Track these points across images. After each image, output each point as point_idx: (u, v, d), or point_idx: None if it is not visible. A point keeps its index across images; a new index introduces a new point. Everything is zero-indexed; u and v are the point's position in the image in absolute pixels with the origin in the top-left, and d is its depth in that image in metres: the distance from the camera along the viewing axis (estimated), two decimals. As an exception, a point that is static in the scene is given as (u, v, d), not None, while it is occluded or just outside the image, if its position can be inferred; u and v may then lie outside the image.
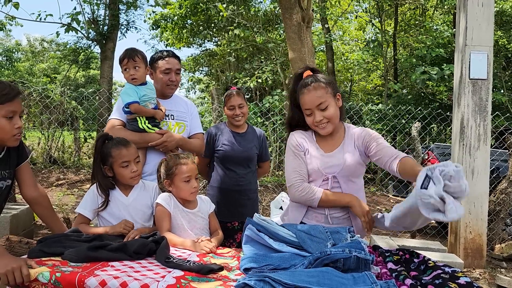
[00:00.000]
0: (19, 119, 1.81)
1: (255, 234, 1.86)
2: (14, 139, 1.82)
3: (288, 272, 1.52)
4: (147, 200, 2.18)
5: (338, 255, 1.60)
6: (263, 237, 1.81)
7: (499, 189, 4.91)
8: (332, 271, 1.51)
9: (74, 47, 13.49)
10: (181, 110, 2.61)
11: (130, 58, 2.34)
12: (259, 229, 1.88)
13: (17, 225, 4.04)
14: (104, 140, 2.14)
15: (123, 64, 2.36)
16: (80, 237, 1.84)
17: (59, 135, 9.71)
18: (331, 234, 1.83)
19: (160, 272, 1.57)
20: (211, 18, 12.38)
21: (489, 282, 3.82)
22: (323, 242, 1.78)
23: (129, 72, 2.35)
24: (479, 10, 4.16)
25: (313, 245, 1.76)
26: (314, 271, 1.51)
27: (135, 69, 2.35)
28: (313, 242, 1.77)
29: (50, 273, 1.49)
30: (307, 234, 1.83)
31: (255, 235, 1.86)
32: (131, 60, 2.34)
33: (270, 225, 1.87)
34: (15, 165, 1.98)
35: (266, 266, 1.63)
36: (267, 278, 1.40)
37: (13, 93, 1.78)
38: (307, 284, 1.40)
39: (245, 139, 2.85)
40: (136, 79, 2.35)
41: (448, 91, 10.09)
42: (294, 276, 1.44)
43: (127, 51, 2.37)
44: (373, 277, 1.49)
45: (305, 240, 1.79)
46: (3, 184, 1.93)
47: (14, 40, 28.63)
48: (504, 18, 10.58)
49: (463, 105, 4.19)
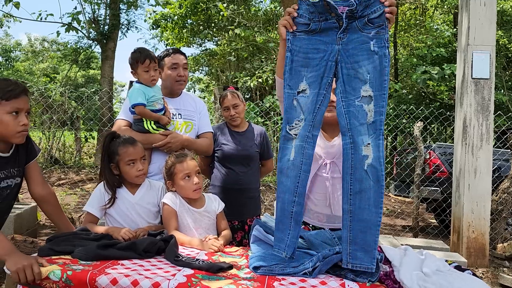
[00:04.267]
0: (24, 117, 1.81)
1: (263, 235, 1.87)
2: (18, 135, 1.82)
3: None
4: (154, 199, 2.19)
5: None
6: (271, 238, 1.81)
7: (501, 189, 4.92)
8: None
9: (75, 46, 13.47)
10: (189, 109, 2.60)
11: (152, 60, 2.35)
12: (267, 230, 1.88)
13: (21, 225, 4.04)
14: (111, 138, 2.15)
15: (144, 65, 2.33)
16: (88, 235, 1.84)
17: (60, 135, 9.71)
18: (339, 240, 1.81)
19: (170, 270, 1.58)
20: (212, 18, 12.38)
21: (492, 281, 3.83)
22: (332, 248, 1.77)
23: (149, 73, 2.34)
24: (482, 9, 4.17)
25: (321, 249, 1.75)
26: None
27: (155, 71, 2.37)
28: (321, 247, 1.77)
29: (61, 271, 1.49)
30: (315, 239, 1.83)
31: (262, 236, 1.87)
32: (153, 62, 2.35)
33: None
34: (24, 163, 1.98)
35: (276, 264, 1.63)
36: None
37: (18, 90, 1.79)
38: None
39: (245, 137, 2.85)
40: (155, 80, 2.38)
41: (449, 91, 10.09)
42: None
43: (146, 53, 2.36)
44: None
45: (314, 243, 1.79)
46: (13, 182, 1.94)
47: (13, 39, 28.61)
48: (504, 18, 10.61)
49: (466, 105, 4.20)
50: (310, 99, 1.66)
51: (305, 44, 1.67)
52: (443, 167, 5.72)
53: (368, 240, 1.54)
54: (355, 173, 1.58)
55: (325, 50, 1.65)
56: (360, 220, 1.56)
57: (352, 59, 1.61)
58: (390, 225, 6.45)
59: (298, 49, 1.67)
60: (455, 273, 1.60)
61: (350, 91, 1.62)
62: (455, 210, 4.33)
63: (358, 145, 1.58)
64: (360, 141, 1.58)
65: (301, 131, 1.67)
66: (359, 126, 1.59)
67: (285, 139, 1.70)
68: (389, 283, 1.56)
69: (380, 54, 1.57)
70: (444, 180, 5.55)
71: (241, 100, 2.82)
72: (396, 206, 8.05)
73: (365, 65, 1.59)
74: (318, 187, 2.08)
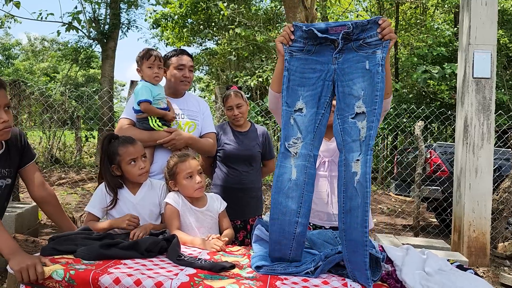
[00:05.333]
0: (3, 112, 1.72)
1: (265, 234, 1.87)
2: (0, 133, 1.74)
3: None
4: (155, 198, 2.18)
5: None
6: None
7: (502, 188, 4.92)
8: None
9: (75, 46, 13.47)
10: (193, 109, 2.61)
11: (157, 57, 2.39)
12: (268, 230, 1.88)
13: (22, 224, 4.04)
14: (110, 140, 2.14)
15: (149, 62, 2.37)
16: (91, 235, 1.84)
17: (61, 134, 9.71)
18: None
19: (172, 270, 1.58)
20: (212, 17, 12.37)
21: (493, 280, 3.83)
22: (334, 247, 1.78)
23: (153, 70, 2.38)
24: (483, 9, 4.17)
25: (323, 249, 1.75)
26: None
27: (159, 69, 2.40)
28: (323, 246, 1.77)
29: (64, 270, 1.49)
30: (318, 239, 1.84)
31: (264, 235, 1.87)
32: (158, 59, 2.39)
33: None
34: (16, 165, 1.94)
35: (278, 264, 1.64)
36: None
37: None
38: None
39: (247, 137, 2.85)
40: (159, 78, 2.40)
41: (450, 90, 10.09)
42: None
43: (152, 50, 2.40)
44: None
45: (316, 243, 1.79)
46: (3, 183, 1.89)
47: (14, 39, 28.60)
48: (505, 17, 10.60)
49: (467, 104, 4.20)
50: (307, 118, 1.68)
51: (301, 64, 1.70)
52: (444, 166, 5.72)
53: (358, 261, 1.52)
54: (347, 191, 1.59)
55: (321, 70, 1.68)
56: (351, 240, 1.56)
57: (347, 77, 1.64)
58: (391, 225, 6.45)
59: (295, 69, 1.71)
60: (457, 272, 1.60)
61: (344, 108, 1.64)
62: (456, 210, 4.34)
63: (349, 161, 1.59)
64: (351, 157, 1.59)
65: (302, 150, 1.68)
66: (351, 143, 1.60)
67: (283, 156, 1.70)
68: (391, 282, 1.56)
69: (374, 71, 1.59)
70: (445, 179, 5.55)
71: (244, 100, 2.82)
72: (397, 205, 8.06)
73: (359, 82, 1.62)
74: (317, 186, 2.08)
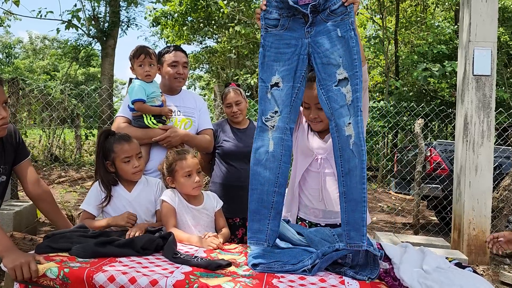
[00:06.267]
0: (1, 109, 1.74)
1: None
2: None
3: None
4: (150, 196, 2.17)
5: (347, 250, 1.60)
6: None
7: (502, 186, 4.90)
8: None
9: (75, 44, 13.43)
10: (189, 106, 2.60)
11: (147, 55, 2.37)
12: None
13: (20, 222, 4.04)
14: (106, 136, 2.14)
15: (139, 60, 2.36)
16: (86, 232, 1.83)
17: (60, 132, 9.70)
18: (339, 237, 1.80)
19: (168, 268, 1.56)
20: (212, 15, 12.33)
21: (493, 278, 3.82)
22: (331, 245, 1.76)
23: (144, 68, 2.36)
24: (483, 6, 4.15)
25: (321, 246, 1.74)
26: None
27: (150, 66, 2.38)
28: (321, 244, 1.76)
29: (59, 268, 1.48)
30: (315, 236, 1.82)
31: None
32: (148, 57, 2.37)
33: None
34: (11, 163, 1.93)
35: (275, 262, 1.62)
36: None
37: None
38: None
39: (246, 135, 2.84)
40: (150, 76, 2.38)
41: (450, 88, 10.06)
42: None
43: (142, 48, 2.39)
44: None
45: (313, 240, 1.78)
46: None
47: (14, 37, 28.60)
48: (506, 15, 10.56)
49: (467, 102, 4.18)
50: (284, 92, 1.74)
51: (276, 40, 1.75)
52: (444, 164, 5.70)
53: (356, 218, 1.60)
54: (343, 154, 1.65)
55: (296, 45, 1.74)
56: (350, 200, 1.63)
57: (323, 47, 1.69)
58: (391, 223, 6.44)
59: (270, 44, 1.76)
60: (455, 270, 1.59)
61: (326, 78, 1.70)
62: (455, 208, 4.32)
63: (340, 126, 1.66)
64: (342, 122, 1.66)
65: (279, 124, 1.74)
66: (339, 109, 1.67)
67: (261, 130, 1.77)
68: (388, 280, 1.55)
69: (347, 37, 1.65)
70: (445, 178, 5.53)
71: (243, 97, 2.81)
72: (397, 203, 8.05)
73: (335, 50, 1.67)
74: (311, 182, 2.10)
